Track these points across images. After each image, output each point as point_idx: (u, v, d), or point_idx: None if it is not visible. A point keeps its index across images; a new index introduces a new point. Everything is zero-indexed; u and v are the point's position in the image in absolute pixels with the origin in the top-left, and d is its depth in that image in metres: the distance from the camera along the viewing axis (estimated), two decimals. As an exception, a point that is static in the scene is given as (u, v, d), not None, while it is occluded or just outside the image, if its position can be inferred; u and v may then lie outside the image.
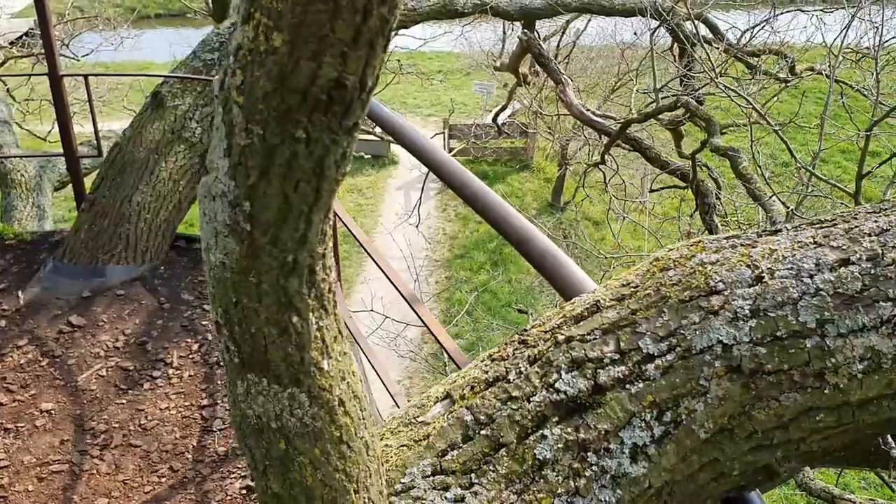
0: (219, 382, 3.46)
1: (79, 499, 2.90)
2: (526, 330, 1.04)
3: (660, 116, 6.11)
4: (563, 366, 0.93)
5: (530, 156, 17.73)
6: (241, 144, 0.59)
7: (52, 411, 3.30)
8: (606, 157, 6.35)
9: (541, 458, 0.90)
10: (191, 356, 3.62)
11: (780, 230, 1.03)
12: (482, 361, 1.02)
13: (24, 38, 12.31)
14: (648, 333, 0.95)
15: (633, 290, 1.00)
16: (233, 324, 0.70)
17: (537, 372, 0.94)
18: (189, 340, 3.72)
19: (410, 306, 2.49)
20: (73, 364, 3.57)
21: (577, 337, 0.95)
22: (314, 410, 0.72)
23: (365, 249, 2.63)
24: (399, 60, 13.01)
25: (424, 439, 0.93)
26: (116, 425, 3.23)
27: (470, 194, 1.67)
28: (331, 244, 0.68)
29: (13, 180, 6.56)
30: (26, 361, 3.57)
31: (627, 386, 0.93)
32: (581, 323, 0.97)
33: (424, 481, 0.90)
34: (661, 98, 5.71)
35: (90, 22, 11.61)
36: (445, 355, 8.02)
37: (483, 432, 0.92)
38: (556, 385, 0.92)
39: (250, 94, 0.57)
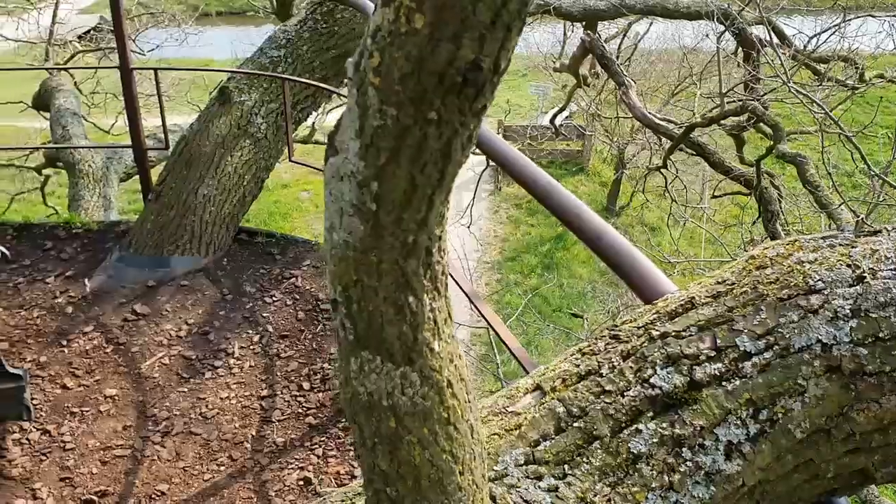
0: (278, 374, 3.51)
1: (140, 483, 2.96)
2: (616, 325, 1.03)
3: (723, 122, 6.02)
4: (658, 361, 0.92)
5: (586, 159, 17.60)
6: (373, 125, 0.60)
7: (116, 397, 3.38)
8: (667, 161, 6.28)
9: (635, 451, 0.90)
10: (251, 347, 3.68)
11: (879, 231, 1.01)
12: (572, 355, 1.02)
13: (91, 32, 12.67)
14: (745, 331, 0.94)
15: (728, 287, 0.99)
16: (351, 302, 0.71)
17: (631, 367, 0.93)
18: (250, 332, 3.78)
19: (474, 305, 2.49)
20: (136, 351, 3.65)
21: (673, 333, 0.94)
22: (424, 390, 0.73)
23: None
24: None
25: (516, 429, 0.94)
26: (178, 413, 3.30)
27: (541, 190, 1.67)
28: (446, 228, 0.69)
29: (81, 171, 6.75)
30: (92, 348, 3.67)
31: (724, 383, 0.92)
32: (676, 319, 0.96)
33: (517, 469, 0.90)
34: (727, 103, 5.62)
35: (155, 18, 11.89)
36: (498, 356, 8.01)
37: (576, 424, 0.92)
38: (652, 380, 0.91)
39: (387, 75, 0.58)
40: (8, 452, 3.06)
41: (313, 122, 11.20)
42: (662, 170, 6.68)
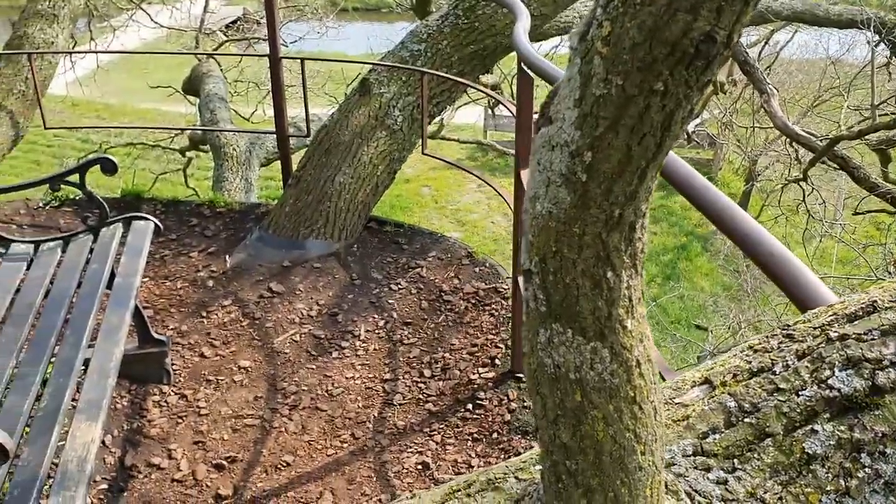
0: (401, 360, 3.58)
1: (268, 453, 3.09)
2: (788, 325, 1.01)
3: (869, 136, 5.71)
4: (836, 363, 0.89)
5: (717, 168, 17.04)
6: (595, 95, 0.62)
7: (249, 368, 3.54)
8: (807, 174, 6.01)
9: (810, 452, 0.87)
10: (377, 331, 3.77)
11: None
12: (742, 352, 1.00)
13: (238, 22, 13.30)
14: (933, 339, 0.90)
15: (915, 292, 0.95)
16: (547, 273, 0.72)
17: (807, 367, 0.91)
18: (376, 316, 3.88)
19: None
20: (270, 327, 3.81)
21: (853, 335, 0.91)
22: (613, 367, 0.74)
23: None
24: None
25: (683, 420, 0.93)
26: (305, 388, 3.42)
27: (697, 193, 1.63)
28: (650, 205, 0.69)
29: (226, 154, 7.11)
30: (229, 320, 3.86)
31: None
32: (856, 322, 0.93)
33: (685, 460, 0.90)
34: (878, 116, 5.33)
35: (299, 12, 12.36)
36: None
37: (747, 420, 0.91)
38: (829, 382, 0.88)
39: (616, 44, 0.59)
40: (148, 413, 3.26)
41: (441, 119, 11.35)
42: (801, 182, 6.39)
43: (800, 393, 0.90)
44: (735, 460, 0.89)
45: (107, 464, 2.99)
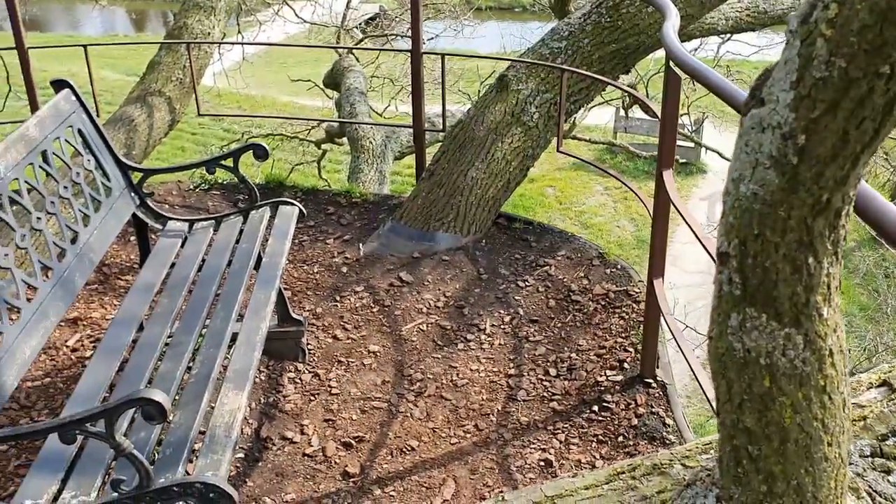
0: (526, 356, 3.59)
1: (393, 436, 3.17)
2: None
3: None
4: None
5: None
6: (815, 77, 0.61)
7: (378, 353, 3.64)
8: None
9: None
10: (502, 326, 3.79)
11: None
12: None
13: (376, 19, 13.64)
14: None
15: None
16: (745, 256, 0.72)
17: None
18: (502, 311, 3.90)
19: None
20: (398, 315, 3.90)
21: None
22: (806, 355, 0.72)
23: (701, 242, 2.56)
24: (728, 67, 12.48)
25: (860, 420, 0.90)
26: (431, 377, 3.48)
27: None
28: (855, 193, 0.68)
29: (363, 146, 7.33)
30: (360, 306, 3.97)
31: None
32: None
33: (862, 460, 0.87)
34: None
35: (435, 10, 12.57)
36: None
37: (932, 428, 0.87)
38: None
39: (843, 27, 0.58)
40: (284, 388, 3.41)
41: (574, 118, 11.28)
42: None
43: None
44: (918, 467, 0.85)
45: (244, 434, 3.15)
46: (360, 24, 13.37)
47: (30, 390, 3.36)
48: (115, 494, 1.93)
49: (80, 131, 3.08)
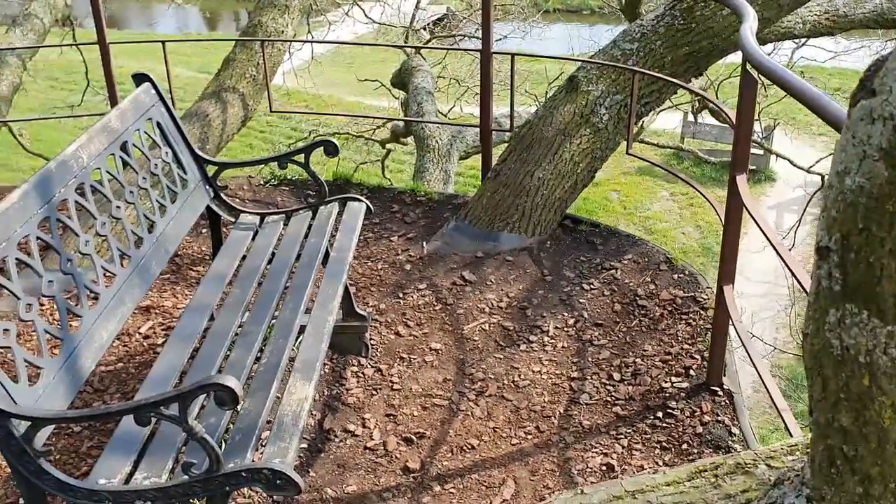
0: (589, 360, 3.55)
1: (454, 434, 3.18)
2: None
3: None
4: None
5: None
6: None
7: (439, 351, 3.65)
8: None
9: None
10: (566, 329, 3.77)
11: None
12: None
13: (444, 20, 13.72)
14: None
15: None
16: (848, 251, 0.70)
17: None
18: (565, 314, 3.87)
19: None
20: (461, 314, 3.91)
21: None
22: None
23: (780, 257, 2.50)
24: (802, 73, 12.17)
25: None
26: (492, 376, 3.48)
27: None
28: None
29: (429, 145, 7.39)
30: (423, 303, 3.99)
31: None
32: None
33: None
34: None
35: (503, 12, 12.58)
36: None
37: None
38: None
39: None
40: (346, 382, 3.45)
41: (641, 123, 11.16)
42: None
43: None
44: None
45: (308, 425, 3.19)
46: (427, 24, 13.44)
47: (103, 374, 3.48)
48: (186, 477, 1.98)
49: (158, 124, 3.17)
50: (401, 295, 4.06)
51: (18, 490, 2.74)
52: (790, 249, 10.67)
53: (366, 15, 11.37)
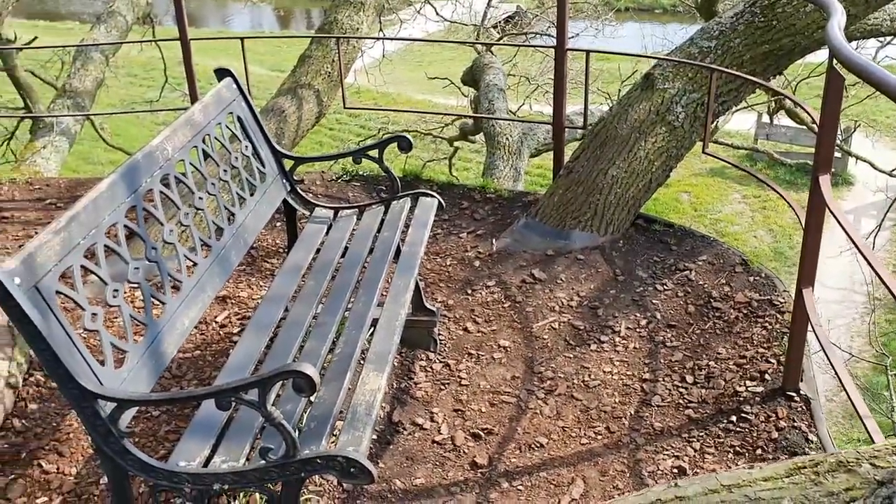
0: (661, 361, 3.50)
1: (522, 431, 3.17)
2: None
3: None
4: None
5: None
6: None
7: (508, 348, 3.64)
8: None
9: None
10: (638, 330, 3.72)
11: None
12: None
13: (515, 17, 13.68)
14: None
15: None
16: None
17: None
18: (637, 315, 3.82)
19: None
20: (530, 311, 3.90)
21: None
22: None
23: (867, 261, 2.42)
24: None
25: None
26: (562, 376, 3.46)
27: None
28: None
29: (499, 143, 7.38)
30: (492, 300, 3.99)
31: None
32: None
33: None
34: None
35: (577, 11, 12.48)
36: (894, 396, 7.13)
37: None
38: None
39: None
40: (415, 376, 3.47)
41: (716, 122, 10.93)
42: None
43: None
44: None
45: (378, 416, 3.22)
46: (498, 22, 13.42)
47: (181, 361, 3.58)
48: (263, 462, 2.02)
49: (239, 118, 3.25)
50: (469, 291, 4.06)
51: (101, 470, 2.84)
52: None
53: (437, 13, 11.42)
